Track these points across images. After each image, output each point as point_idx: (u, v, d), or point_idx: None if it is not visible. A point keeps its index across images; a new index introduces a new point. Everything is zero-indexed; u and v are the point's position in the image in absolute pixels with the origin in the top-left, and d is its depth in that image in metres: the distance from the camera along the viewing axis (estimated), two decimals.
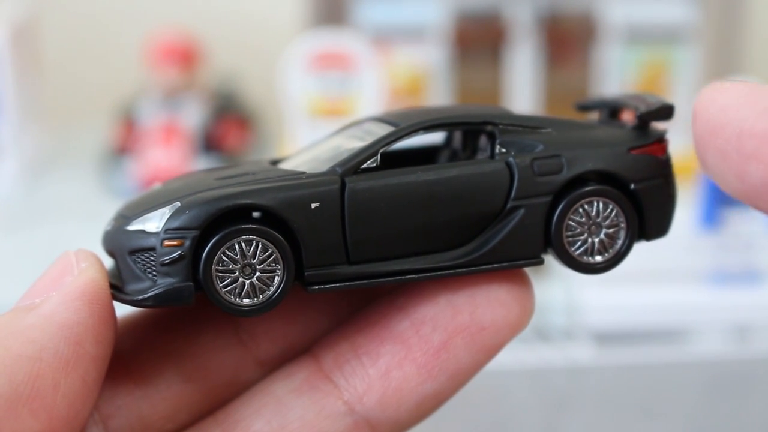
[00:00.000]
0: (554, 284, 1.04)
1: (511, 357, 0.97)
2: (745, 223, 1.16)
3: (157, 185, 0.51)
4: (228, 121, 1.38)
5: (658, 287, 1.04)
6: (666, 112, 0.50)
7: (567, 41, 1.44)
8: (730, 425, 1.02)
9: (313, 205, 0.46)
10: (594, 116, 0.55)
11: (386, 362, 0.48)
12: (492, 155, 0.49)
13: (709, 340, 1.03)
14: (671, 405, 1.01)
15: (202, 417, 0.50)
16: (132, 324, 0.50)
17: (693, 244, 1.14)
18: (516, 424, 1.00)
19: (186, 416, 0.49)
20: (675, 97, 1.35)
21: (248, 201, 0.45)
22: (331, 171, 0.47)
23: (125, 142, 1.35)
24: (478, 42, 1.42)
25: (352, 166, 0.47)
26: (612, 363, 0.99)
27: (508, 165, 0.48)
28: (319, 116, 1.31)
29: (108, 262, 0.48)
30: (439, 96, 1.38)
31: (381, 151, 0.48)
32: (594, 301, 1.02)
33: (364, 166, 0.47)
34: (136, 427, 0.48)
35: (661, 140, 0.50)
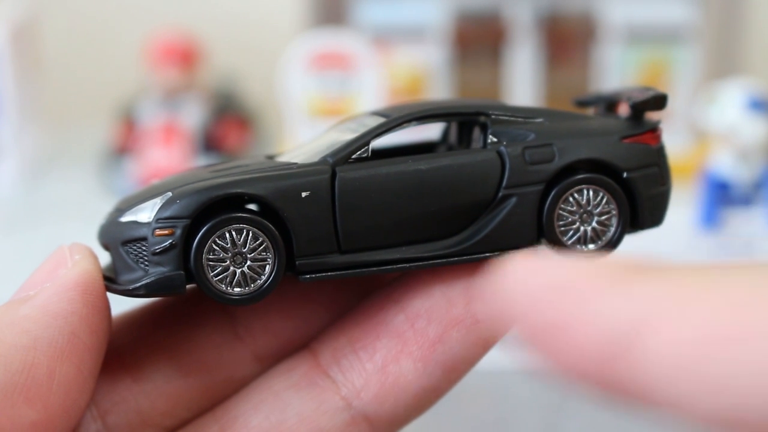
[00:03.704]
0: None
1: (511, 357, 0.97)
2: (745, 223, 1.16)
3: (155, 181, 0.52)
4: (228, 121, 1.38)
5: None
6: (659, 101, 0.50)
7: (567, 41, 1.44)
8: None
9: (304, 194, 0.46)
10: (591, 112, 0.55)
11: (383, 357, 0.48)
12: (484, 145, 0.49)
13: None
14: None
15: (200, 413, 0.50)
16: (129, 320, 0.50)
17: (693, 244, 1.14)
18: (516, 424, 1.00)
19: (184, 412, 0.49)
20: (675, 97, 1.35)
21: (239, 190, 0.46)
22: (322, 161, 0.47)
23: (125, 142, 1.35)
24: (478, 42, 1.42)
25: (343, 156, 0.47)
26: None
27: (500, 154, 0.48)
28: (319, 116, 1.31)
29: (104, 256, 0.48)
30: (439, 96, 1.38)
31: (372, 141, 0.48)
32: None
33: (355, 156, 0.48)
34: (135, 422, 0.48)
35: (654, 129, 0.50)
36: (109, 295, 0.46)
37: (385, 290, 0.49)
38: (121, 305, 0.49)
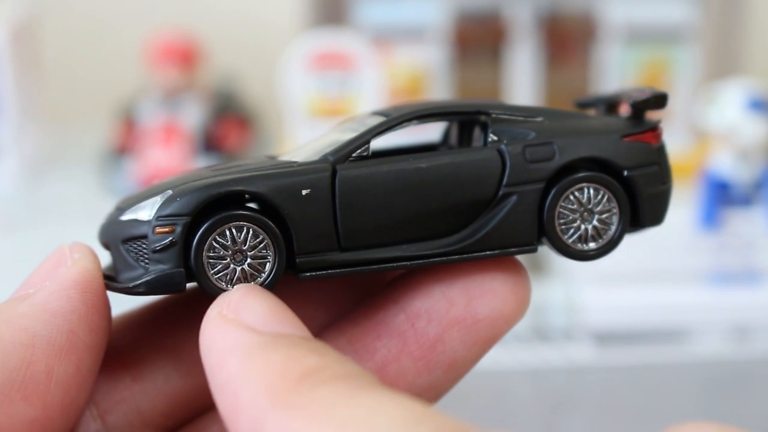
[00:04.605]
0: (554, 284, 1.04)
1: (511, 357, 0.97)
2: (745, 223, 1.16)
3: (156, 182, 0.52)
4: (228, 121, 1.38)
5: (658, 287, 1.04)
6: (659, 100, 0.50)
7: (567, 41, 1.44)
8: (730, 425, 1.02)
9: (304, 192, 0.46)
10: (592, 114, 0.55)
11: (383, 356, 0.48)
12: (484, 143, 0.49)
13: (709, 340, 1.03)
14: (671, 405, 1.01)
15: (200, 413, 0.50)
16: (130, 319, 0.50)
17: (693, 244, 1.14)
18: (516, 424, 1.00)
19: (184, 412, 0.49)
20: (675, 97, 1.35)
21: (239, 188, 0.46)
22: (323, 159, 0.47)
23: (125, 142, 1.35)
24: (478, 42, 1.42)
25: (343, 155, 0.47)
26: (612, 363, 0.99)
27: (500, 152, 0.48)
28: (319, 116, 1.31)
29: (104, 255, 0.48)
30: (439, 96, 1.38)
31: (373, 139, 0.48)
32: (594, 301, 1.02)
33: (356, 154, 0.48)
34: (135, 422, 0.48)
35: (654, 128, 0.50)
36: (110, 294, 0.46)
37: (385, 290, 0.49)
38: (121, 305, 0.49)
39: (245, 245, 0.46)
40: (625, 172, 0.49)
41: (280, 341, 0.40)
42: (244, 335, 0.40)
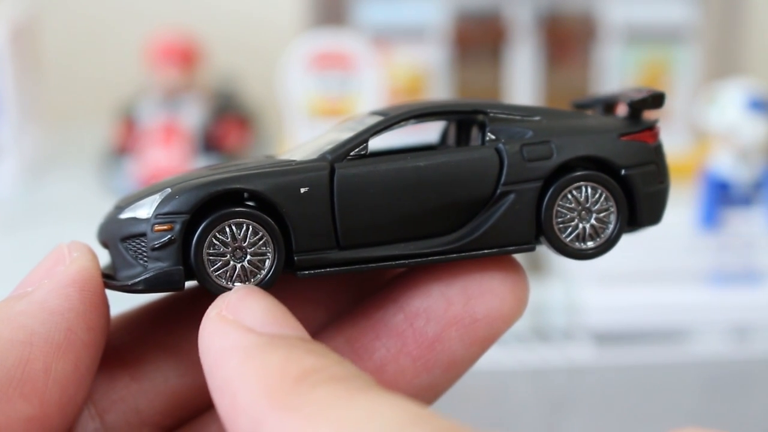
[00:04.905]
0: (554, 284, 1.04)
1: (511, 357, 0.97)
2: (745, 223, 1.16)
3: (154, 182, 0.52)
4: (228, 121, 1.38)
5: (658, 287, 1.04)
6: (657, 100, 0.50)
7: (567, 41, 1.44)
8: (730, 425, 1.02)
9: (303, 190, 0.46)
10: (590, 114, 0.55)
11: (381, 356, 0.48)
12: (482, 142, 0.49)
13: (709, 340, 1.03)
14: (671, 405, 1.01)
15: (199, 412, 0.50)
16: (129, 319, 0.50)
17: (693, 244, 1.14)
18: (516, 424, 1.00)
19: (183, 412, 0.49)
20: (675, 97, 1.35)
21: (237, 186, 0.46)
22: (321, 158, 0.48)
23: (125, 142, 1.35)
24: (478, 42, 1.42)
25: (342, 153, 0.48)
26: (612, 363, 0.99)
27: (498, 151, 0.48)
28: (319, 116, 1.31)
29: (103, 255, 0.48)
30: (439, 96, 1.38)
31: (371, 138, 0.48)
32: (594, 301, 1.02)
33: (354, 153, 0.48)
34: (133, 421, 0.48)
35: (651, 127, 0.50)
36: (110, 294, 0.46)
37: (384, 290, 0.49)
38: (121, 304, 0.49)
39: (245, 242, 0.46)
40: (623, 171, 0.49)
41: (279, 342, 0.40)
42: (242, 336, 0.40)
